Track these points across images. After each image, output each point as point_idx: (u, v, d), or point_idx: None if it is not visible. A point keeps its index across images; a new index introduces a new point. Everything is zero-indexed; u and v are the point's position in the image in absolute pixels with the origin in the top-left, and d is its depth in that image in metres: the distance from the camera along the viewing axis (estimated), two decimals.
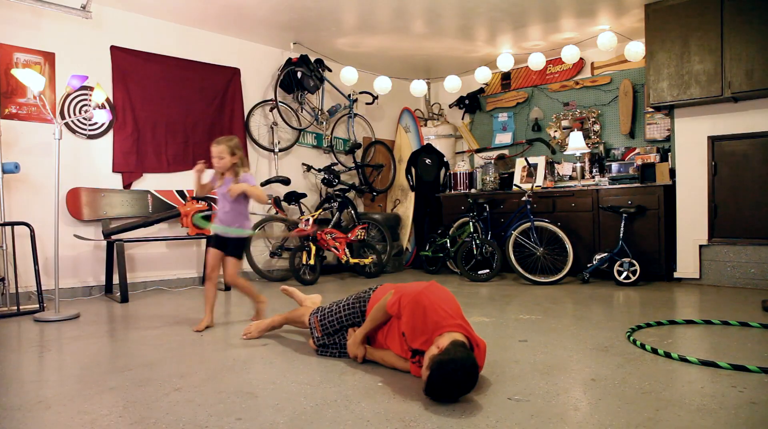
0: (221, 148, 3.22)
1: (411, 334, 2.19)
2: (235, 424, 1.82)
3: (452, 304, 2.23)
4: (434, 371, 1.91)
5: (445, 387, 1.92)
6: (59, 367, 2.57)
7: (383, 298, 2.37)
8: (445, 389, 1.92)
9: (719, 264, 4.84)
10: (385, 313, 2.35)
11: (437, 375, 1.90)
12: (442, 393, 1.94)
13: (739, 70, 4.57)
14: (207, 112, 5.48)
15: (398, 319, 2.30)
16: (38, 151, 4.47)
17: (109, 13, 4.93)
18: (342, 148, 6.74)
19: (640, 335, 2.98)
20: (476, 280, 5.48)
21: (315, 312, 2.75)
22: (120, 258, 4.47)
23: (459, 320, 2.14)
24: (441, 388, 1.92)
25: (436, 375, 1.90)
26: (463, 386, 1.94)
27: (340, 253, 5.62)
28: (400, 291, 2.30)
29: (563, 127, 6.40)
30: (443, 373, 1.90)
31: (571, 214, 5.56)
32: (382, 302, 2.35)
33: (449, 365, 1.89)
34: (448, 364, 1.90)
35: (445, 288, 2.35)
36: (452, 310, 2.18)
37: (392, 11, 5.11)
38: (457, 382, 1.91)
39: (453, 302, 2.26)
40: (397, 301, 2.27)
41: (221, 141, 3.25)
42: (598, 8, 5.11)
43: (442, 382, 1.90)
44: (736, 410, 1.87)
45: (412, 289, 2.26)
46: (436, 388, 1.92)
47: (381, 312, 2.36)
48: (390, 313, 2.32)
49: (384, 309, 2.33)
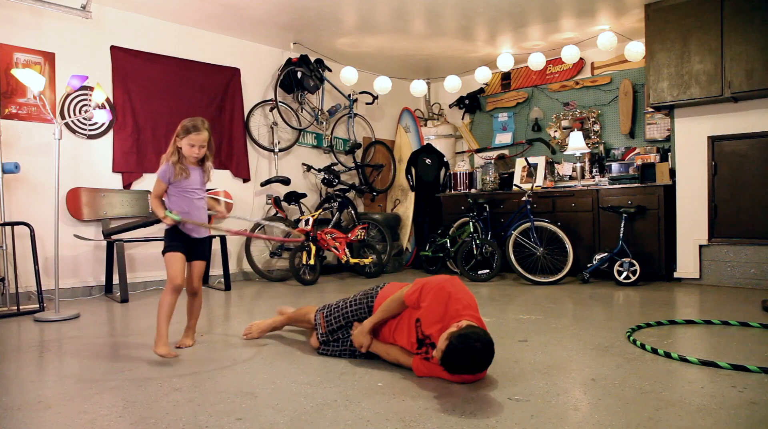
0: (206, 136, 2.77)
1: (428, 319, 2.25)
2: (235, 424, 1.82)
3: (471, 300, 2.32)
4: (454, 340, 2.00)
5: (464, 356, 2.00)
6: (59, 367, 2.57)
7: (400, 290, 2.43)
8: (464, 359, 2.01)
9: (719, 264, 4.84)
10: (401, 304, 2.40)
11: (458, 343, 1.99)
12: (460, 361, 2.02)
13: (739, 70, 4.57)
14: (207, 112, 5.48)
15: (415, 309, 2.34)
16: (38, 151, 4.47)
17: (109, 13, 4.93)
18: (342, 148, 6.74)
19: (640, 335, 2.98)
20: (476, 280, 5.48)
21: (321, 309, 2.77)
22: (120, 258, 4.47)
23: (476, 314, 2.25)
24: (460, 356, 2.00)
25: (457, 343, 1.99)
26: (480, 360, 2.04)
27: (340, 253, 5.62)
28: (421, 282, 2.36)
29: (563, 127, 6.40)
30: (464, 341, 2.00)
31: (571, 214, 5.56)
32: (400, 293, 2.40)
33: (471, 336, 2.01)
34: (469, 336, 2.01)
35: (465, 286, 2.39)
36: (472, 303, 2.28)
37: (392, 11, 5.11)
38: (475, 353, 2.01)
39: (472, 298, 2.34)
40: (417, 291, 2.32)
41: (203, 127, 2.77)
42: (598, 8, 5.10)
43: (462, 350, 1.99)
44: (736, 410, 1.87)
45: (435, 279, 2.34)
46: (455, 356, 2.00)
47: (397, 303, 2.41)
48: (407, 304, 2.37)
49: (401, 299, 2.38)
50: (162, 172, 2.77)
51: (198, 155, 2.78)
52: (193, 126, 2.73)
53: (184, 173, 2.78)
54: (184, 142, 2.75)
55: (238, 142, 5.78)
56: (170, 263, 2.76)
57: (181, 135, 2.75)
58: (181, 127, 2.76)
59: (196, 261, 2.88)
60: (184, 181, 2.78)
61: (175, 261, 2.76)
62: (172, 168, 2.76)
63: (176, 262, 2.76)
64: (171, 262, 2.76)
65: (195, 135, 2.74)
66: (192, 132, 2.73)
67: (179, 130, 2.76)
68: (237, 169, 5.77)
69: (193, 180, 2.81)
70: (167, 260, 2.77)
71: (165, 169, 2.77)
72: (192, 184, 2.81)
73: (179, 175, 2.76)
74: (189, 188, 2.81)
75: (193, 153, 2.76)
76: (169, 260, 2.76)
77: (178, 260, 2.76)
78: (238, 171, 5.77)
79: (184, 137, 2.74)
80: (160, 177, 2.78)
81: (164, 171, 2.77)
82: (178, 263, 2.76)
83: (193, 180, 2.81)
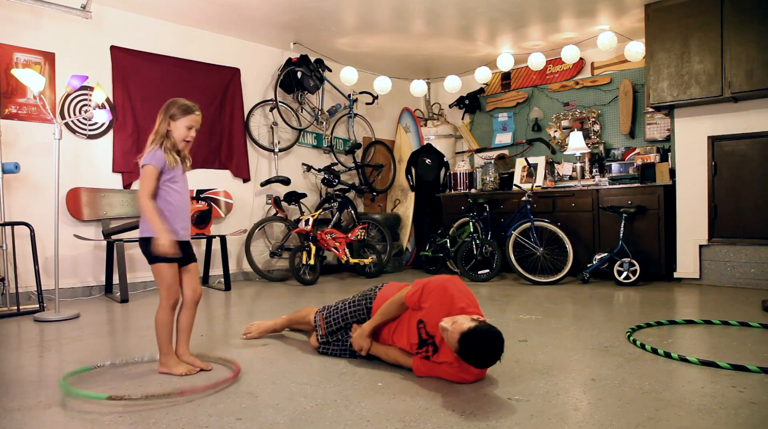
0: (200, 118, 2.47)
1: (432, 319, 2.24)
2: (235, 424, 1.82)
3: (473, 298, 2.31)
4: (479, 329, 2.03)
5: (486, 346, 2.02)
6: (59, 367, 2.57)
7: (399, 292, 2.41)
8: (486, 348, 2.03)
9: (719, 264, 4.84)
10: (401, 306, 2.38)
11: (482, 335, 2.01)
12: (482, 349, 2.03)
13: (739, 70, 4.57)
14: (207, 112, 5.47)
15: (415, 311, 2.33)
16: (38, 151, 4.47)
17: (109, 13, 4.93)
18: (342, 148, 6.74)
19: (640, 335, 2.98)
20: (476, 280, 5.48)
21: (321, 310, 2.77)
22: (120, 258, 4.47)
23: (479, 311, 2.25)
24: (482, 345, 2.02)
25: (483, 332, 2.02)
26: (498, 352, 2.06)
27: (340, 253, 5.62)
28: (421, 282, 2.34)
29: (563, 127, 6.40)
30: (489, 330, 2.04)
31: (571, 214, 5.56)
32: (400, 295, 2.38)
33: (491, 329, 2.06)
34: (490, 329, 2.05)
35: (466, 285, 2.39)
36: (474, 302, 2.28)
37: (392, 11, 5.11)
38: (495, 344, 2.04)
39: (474, 296, 2.33)
40: (418, 291, 2.30)
41: (197, 109, 2.48)
42: (598, 8, 5.10)
43: (485, 340, 2.02)
44: (736, 410, 1.87)
45: (436, 279, 2.32)
46: (477, 346, 2.01)
47: (396, 305, 2.39)
48: (408, 306, 2.36)
49: (401, 301, 2.36)
50: (155, 158, 2.33)
51: (191, 140, 2.44)
52: (191, 105, 2.44)
53: (175, 162, 2.39)
54: (179, 124, 2.39)
55: (238, 142, 5.78)
56: (166, 275, 2.37)
57: (177, 116, 2.39)
58: (176, 107, 2.41)
59: (190, 264, 2.50)
60: (174, 171, 2.40)
61: (172, 272, 2.39)
62: (163, 155, 2.36)
63: (173, 273, 2.40)
64: (167, 273, 2.37)
65: (195, 115, 2.44)
66: (193, 112, 2.43)
67: (174, 110, 2.40)
68: (237, 169, 5.76)
69: (180, 171, 2.45)
70: (161, 272, 2.37)
71: (157, 154, 2.34)
72: (181, 175, 2.44)
73: (172, 163, 2.37)
74: (179, 180, 2.42)
75: (188, 137, 2.42)
76: (165, 271, 2.37)
77: (174, 270, 2.41)
78: (238, 171, 5.77)
79: (182, 118, 2.40)
80: (154, 163, 2.33)
81: (158, 157, 2.34)
82: (176, 274, 2.41)
83: (180, 171, 2.45)
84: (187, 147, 2.48)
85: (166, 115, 2.40)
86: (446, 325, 2.10)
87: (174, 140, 2.41)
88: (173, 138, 2.41)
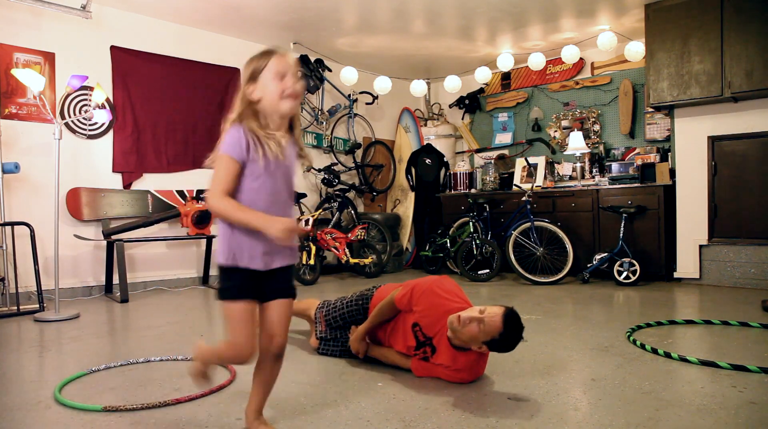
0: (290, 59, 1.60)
1: (428, 321, 2.23)
2: (235, 424, 1.82)
3: (463, 295, 2.33)
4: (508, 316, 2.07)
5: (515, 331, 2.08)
6: (59, 367, 2.57)
7: (390, 294, 2.40)
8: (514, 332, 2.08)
9: (719, 264, 4.84)
10: (392, 309, 2.37)
11: (511, 323, 2.06)
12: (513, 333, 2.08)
13: (739, 70, 4.57)
14: (207, 112, 5.47)
15: (407, 313, 2.32)
16: (38, 151, 4.47)
17: (109, 13, 4.93)
18: (342, 148, 6.74)
19: (640, 335, 2.98)
20: (476, 280, 5.48)
21: (321, 306, 2.76)
22: (120, 258, 4.48)
23: (471, 306, 2.25)
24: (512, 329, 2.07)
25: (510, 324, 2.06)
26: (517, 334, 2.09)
27: (340, 253, 5.62)
28: (410, 284, 2.33)
29: (563, 127, 6.40)
30: (513, 317, 2.09)
31: (571, 214, 5.56)
32: (390, 297, 2.37)
33: (515, 314, 2.11)
34: (514, 314, 2.10)
35: (455, 282, 2.39)
36: (465, 299, 2.30)
37: (392, 11, 5.11)
38: (517, 327, 2.08)
39: (463, 293, 2.35)
40: (407, 294, 2.30)
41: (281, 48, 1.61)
42: (598, 8, 5.10)
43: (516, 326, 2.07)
44: (736, 410, 1.87)
45: (424, 281, 2.31)
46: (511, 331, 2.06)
47: (388, 307, 2.38)
48: (399, 308, 2.35)
49: (392, 303, 2.35)
50: (232, 143, 1.51)
51: (299, 98, 1.58)
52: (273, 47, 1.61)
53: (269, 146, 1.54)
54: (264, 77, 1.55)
55: None
56: (238, 321, 1.55)
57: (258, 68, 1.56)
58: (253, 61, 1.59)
59: (278, 300, 1.63)
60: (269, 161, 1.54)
61: (245, 317, 1.55)
62: (244, 136, 1.52)
63: (247, 320, 1.56)
64: (239, 318, 1.55)
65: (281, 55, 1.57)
66: (276, 52, 1.57)
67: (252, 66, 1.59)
68: None
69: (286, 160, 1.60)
70: (232, 315, 1.56)
71: (236, 135, 1.52)
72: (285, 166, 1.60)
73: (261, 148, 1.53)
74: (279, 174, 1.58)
75: (287, 88, 1.54)
76: (237, 316, 1.55)
77: (249, 315, 1.57)
78: None
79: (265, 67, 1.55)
80: (230, 152, 1.51)
81: (236, 139, 1.52)
82: (251, 321, 1.57)
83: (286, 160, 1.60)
84: (292, 108, 1.58)
85: (245, 80, 1.60)
86: (473, 314, 2.09)
87: (266, 109, 1.56)
88: (265, 107, 1.56)
